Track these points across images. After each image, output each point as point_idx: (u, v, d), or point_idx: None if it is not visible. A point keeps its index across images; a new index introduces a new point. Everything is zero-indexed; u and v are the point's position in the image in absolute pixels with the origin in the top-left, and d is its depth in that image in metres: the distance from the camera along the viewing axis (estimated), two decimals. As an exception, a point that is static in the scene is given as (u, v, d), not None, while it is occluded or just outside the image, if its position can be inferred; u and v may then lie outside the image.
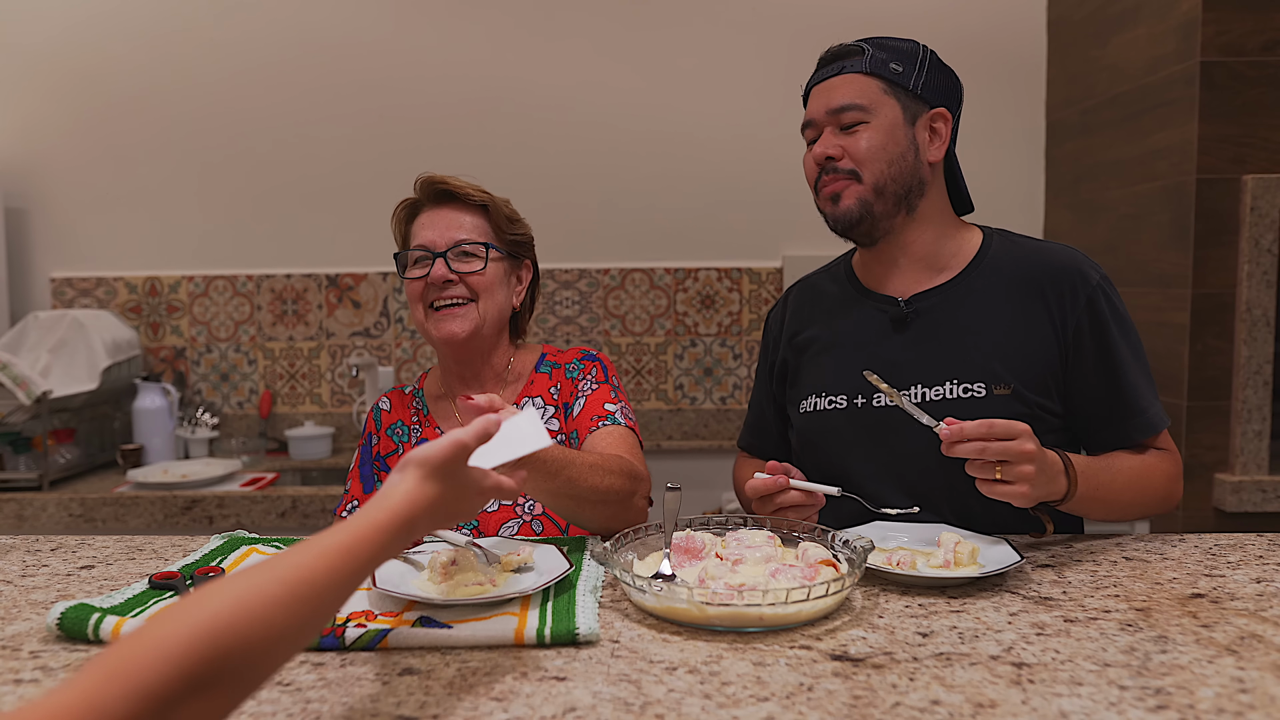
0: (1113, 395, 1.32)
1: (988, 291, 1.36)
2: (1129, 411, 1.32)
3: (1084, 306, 1.32)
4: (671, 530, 1.15)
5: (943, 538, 1.17)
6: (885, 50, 1.36)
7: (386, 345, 2.95)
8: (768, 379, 1.57)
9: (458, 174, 1.53)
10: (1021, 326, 1.33)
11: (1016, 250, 1.39)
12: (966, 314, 1.35)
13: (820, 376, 1.44)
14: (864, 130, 1.34)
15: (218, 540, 1.33)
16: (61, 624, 0.97)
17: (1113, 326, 1.32)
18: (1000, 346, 1.32)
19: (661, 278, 2.91)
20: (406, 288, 1.50)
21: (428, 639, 0.94)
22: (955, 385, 1.31)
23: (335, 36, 2.87)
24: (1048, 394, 1.32)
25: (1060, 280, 1.33)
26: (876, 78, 1.35)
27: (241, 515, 2.36)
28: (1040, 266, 1.35)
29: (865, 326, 1.41)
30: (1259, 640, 0.94)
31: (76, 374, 2.62)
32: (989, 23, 2.86)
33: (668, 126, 2.88)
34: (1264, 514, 2.16)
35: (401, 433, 1.56)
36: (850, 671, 0.88)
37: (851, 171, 1.35)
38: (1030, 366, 1.31)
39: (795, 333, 1.51)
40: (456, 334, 1.45)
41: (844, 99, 1.35)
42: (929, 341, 1.35)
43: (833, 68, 1.39)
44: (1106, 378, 1.32)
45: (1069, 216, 2.76)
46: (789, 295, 1.58)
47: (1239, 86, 2.12)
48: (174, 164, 2.91)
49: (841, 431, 1.39)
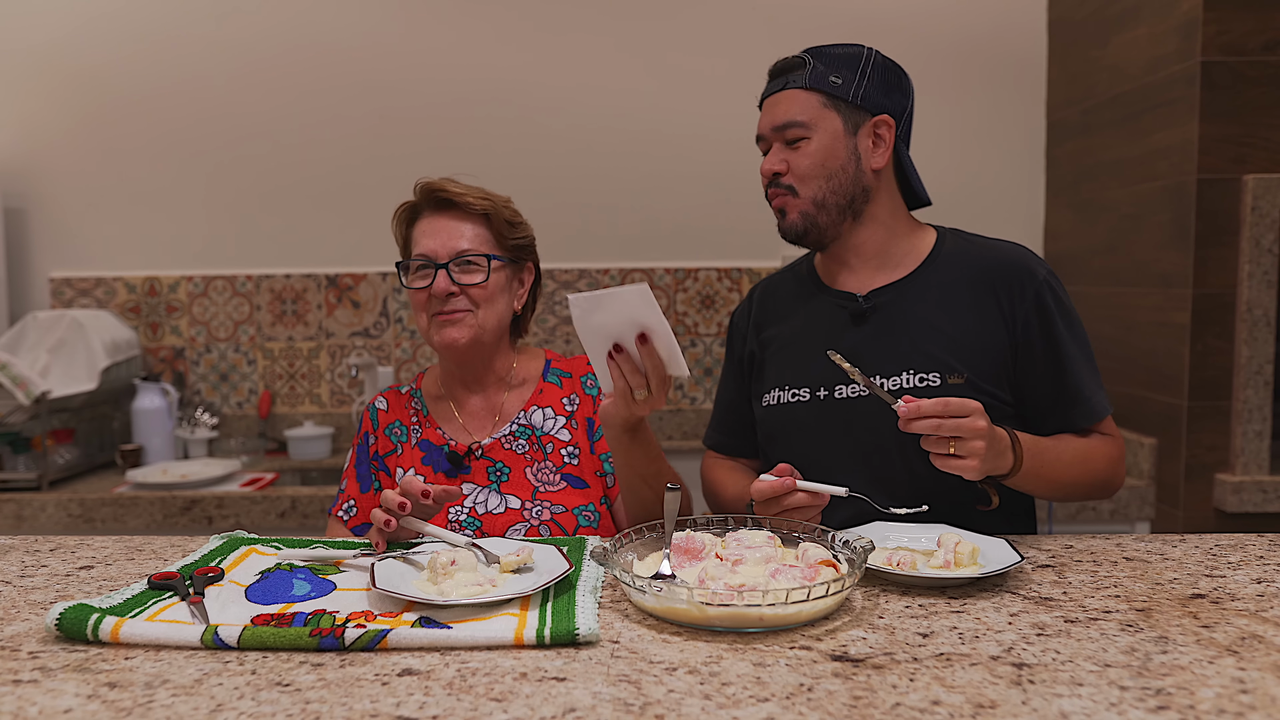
0: (1058, 384, 1.39)
1: (943, 287, 1.42)
2: (1073, 400, 1.39)
3: (1032, 301, 1.38)
4: (671, 530, 1.15)
5: (943, 538, 1.17)
6: (826, 62, 1.40)
7: (386, 345, 2.94)
8: (738, 374, 1.60)
9: (457, 175, 1.53)
10: (974, 320, 1.39)
11: (969, 248, 1.45)
12: (923, 308, 1.41)
13: (782, 370, 1.49)
14: (804, 146, 1.40)
15: (217, 540, 1.32)
16: (60, 624, 0.96)
17: (1059, 320, 1.39)
18: (954, 339, 1.38)
19: (661, 278, 2.91)
20: (409, 295, 1.51)
21: (428, 639, 0.94)
22: (911, 375, 1.37)
23: (334, 37, 2.87)
24: (999, 384, 1.38)
25: (1010, 277, 1.40)
26: (817, 92, 1.39)
27: (241, 515, 2.36)
28: (991, 264, 1.42)
29: (825, 320, 1.47)
30: (1260, 641, 0.94)
31: (76, 374, 2.61)
32: (989, 23, 2.86)
33: (668, 126, 2.88)
34: (1265, 514, 2.16)
35: (400, 433, 1.56)
36: (850, 672, 0.87)
37: (790, 186, 1.42)
38: (982, 358, 1.38)
39: (760, 328, 1.56)
40: (458, 340, 1.47)
41: (786, 115, 1.40)
42: (887, 334, 1.42)
43: (778, 82, 1.43)
44: (1053, 368, 1.39)
45: (1069, 216, 2.76)
46: (754, 293, 1.63)
47: (1240, 86, 2.12)
48: (173, 164, 2.91)
49: (805, 423, 1.44)
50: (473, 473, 1.49)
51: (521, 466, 1.49)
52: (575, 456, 1.51)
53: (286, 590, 1.11)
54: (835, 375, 1.41)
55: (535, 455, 1.50)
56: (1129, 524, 2.34)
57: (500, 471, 1.49)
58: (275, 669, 0.89)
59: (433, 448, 1.52)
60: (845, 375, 1.40)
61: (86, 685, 0.86)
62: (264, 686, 0.85)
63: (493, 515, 1.45)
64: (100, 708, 0.82)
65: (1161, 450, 2.29)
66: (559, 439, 1.51)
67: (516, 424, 1.52)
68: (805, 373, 1.45)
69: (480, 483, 1.49)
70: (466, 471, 1.49)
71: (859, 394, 1.40)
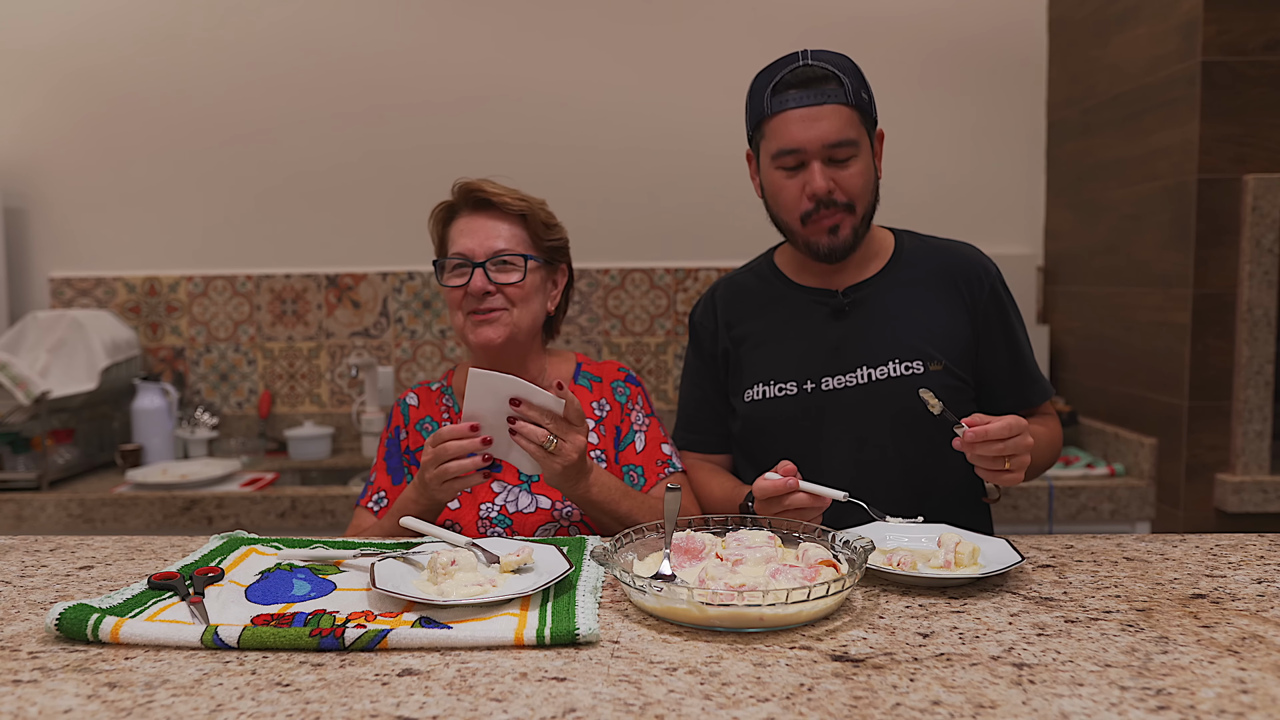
0: (1015, 366, 1.53)
1: (911, 283, 1.52)
2: (1028, 380, 1.55)
3: (988, 294, 1.51)
4: (671, 530, 1.15)
5: (943, 538, 1.17)
6: (851, 79, 1.42)
7: (386, 345, 2.94)
8: (709, 371, 1.62)
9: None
10: (943, 312, 1.50)
11: (926, 247, 1.56)
12: (896, 302, 1.50)
13: (764, 366, 1.53)
14: (853, 164, 1.42)
15: (217, 540, 1.32)
16: (60, 624, 0.96)
17: (1010, 310, 1.53)
18: (930, 329, 1.49)
19: (661, 278, 2.91)
20: (445, 294, 1.52)
21: (428, 639, 0.94)
22: (897, 364, 1.47)
23: (334, 37, 2.87)
24: (967, 369, 1.50)
25: (969, 273, 1.52)
26: (855, 109, 1.42)
27: (241, 515, 2.36)
28: (950, 261, 1.53)
29: (804, 317, 1.53)
30: (1260, 641, 0.94)
31: (75, 374, 2.61)
32: (989, 23, 2.86)
33: (668, 125, 2.88)
34: (1265, 514, 2.16)
35: (431, 429, 1.57)
36: (851, 672, 0.87)
37: (848, 205, 1.43)
38: (953, 345, 1.49)
39: (730, 325, 1.59)
40: (493, 340, 1.48)
41: (839, 134, 1.40)
42: (869, 327, 1.50)
43: (811, 95, 1.40)
44: (1008, 352, 1.53)
45: (1070, 216, 2.76)
46: (714, 292, 1.65)
47: (1240, 86, 2.12)
48: (173, 164, 2.91)
49: (792, 415, 1.49)
50: (504, 471, 1.50)
51: None
52: (602, 460, 1.52)
53: (286, 590, 1.11)
54: (822, 368, 1.48)
55: None
56: (1129, 524, 2.34)
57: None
58: (275, 669, 0.89)
59: None
60: (832, 367, 1.48)
61: (86, 685, 0.86)
62: (264, 686, 0.85)
63: (524, 514, 1.46)
64: (100, 708, 0.82)
65: (1162, 450, 2.29)
66: (588, 442, 1.51)
67: None
68: (790, 367, 1.50)
69: (511, 482, 1.49)
70: (498, 470, 1.49)
71: (846, 384, 1.47)
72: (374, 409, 2.82)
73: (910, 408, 1.40)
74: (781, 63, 1.43)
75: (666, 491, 1.16)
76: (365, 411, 2.83)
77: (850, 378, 1.47)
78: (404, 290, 2.92)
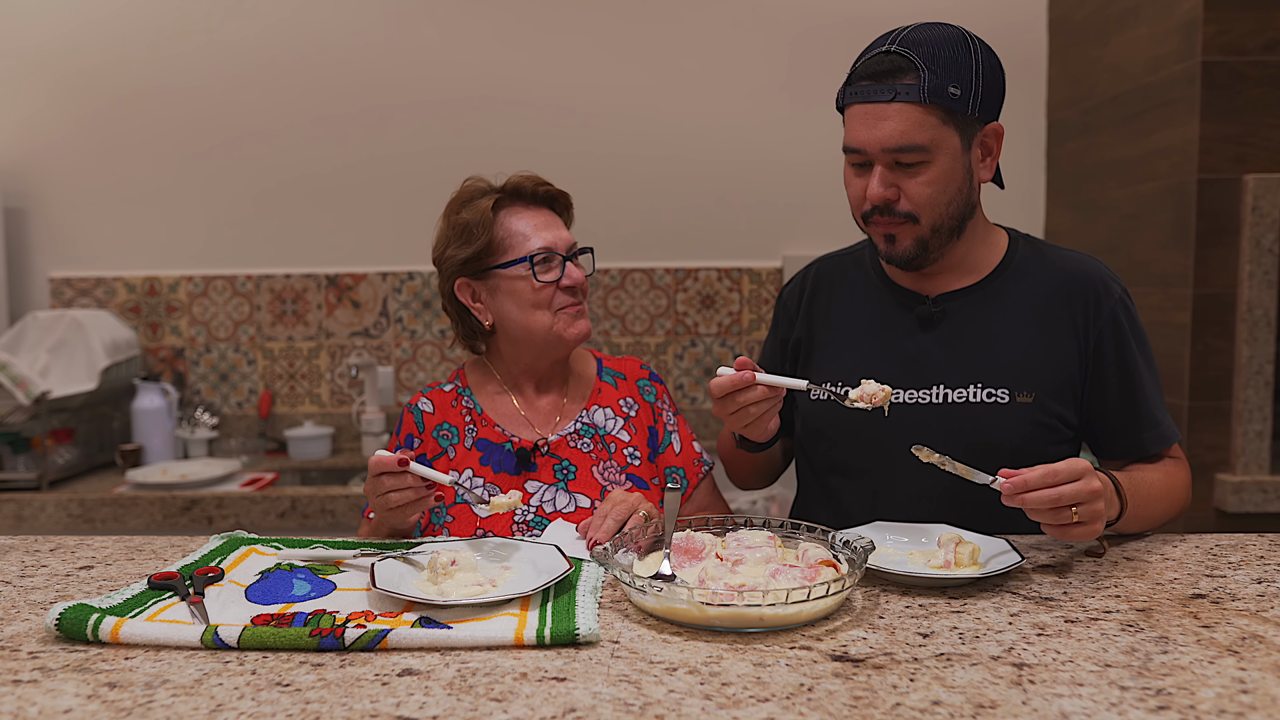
0: (1129, 407, 1.33)
1: (1015, 297, 1.34)
2: (1145, 423, 1.33)
3: (1107, 319, 1.32)
4: (671, 530, 1.15)
5: (943, 538, 1.17)
6: (941, 69, 1.22)
7: (386, 345, 2.94)
8: (780, 355, 1.51)
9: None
10: (1046, 335, 1.32)
11: (1042, 258, 1.38)
12: (994, 318, 1.34)
13: (839, 368, 1.40)
14: (924, 171, 1.24)
15: (217, 540, 1.32)
16: (60, 624, 0.96)
17: (1131, 340, 1.33)
18: (1025, 353, 1.31)
19: (661, 278, 2.91)
20: (533, 291, 1.44)
21: (427, 639, 0.94)
22: (979, 389, 1.31)
23: (334, 37, 2.87)
24: (1066, 404, 1.32)
25: (1085, 291, 1.33)
26: (935, 106, 1.22)
27: (241, 515, 2.36)
28: (1066, 276, 1.34)
29: (889, 320, 1.38)
30: (1260, 641, 0.94)
31: (75, 374, 2.61)
32: (989, 22, 2.85)
33: (668, 126, 2.88)
34: (1265, 514, 2.16)
35: (450, 435, 1.51)
36: (850, 672, 0.87)
37: (909, 214, 1.27)
38: (1053, 375, 1.31)
39: (814, 312, 1.47)
40: (587, 333, 1.49)
41: (903, 138, 1.22)
42: (955, 342, 1.34)
43: (882, 89, 1.23)
44: (1124, 389, 1.32)
45: (1070, 216, 2.76)
46: (810, 272, 1.52)
47: (1240, 86, 2.12)
48: (173, 164, 2.91)
49: (854, 425, 1.35)
50: (539, 470, 1.46)
51: (588, 465, 1.47)
52: (636, 458, 1.50)
53: (286, 590, 1.11)
54: (894, 379, 1.32)
55: (600, 454, 1.48)
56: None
57: (567, 470, 1.46)
58: (275, 669, 0.89)
59: (492, 446, 1.48)
60: (906, 380, 1.32)
61: (86, 685, 0.86)
62: (264, 686, 0.85)
63: (563, 515, 1.42)
64: (100, 708, 0.82)
65: (1162, 450, 2.28)
66: (620, 439, 1.51)
67: (580, 422, 1.50)
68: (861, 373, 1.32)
69: (547, 481, 1.45)
70: (533, 469, 1.46)
71: (919, 401, 1.32)
72: (374, 409, 2.82)
73: (988, 441, 1.27)
74: (874, 44, 1.28)
75: (666, 491, 1.15)
76: (365, 412, 2.83)
77: (924, 395, 1.32)
78: (404, 290, 2.92)
